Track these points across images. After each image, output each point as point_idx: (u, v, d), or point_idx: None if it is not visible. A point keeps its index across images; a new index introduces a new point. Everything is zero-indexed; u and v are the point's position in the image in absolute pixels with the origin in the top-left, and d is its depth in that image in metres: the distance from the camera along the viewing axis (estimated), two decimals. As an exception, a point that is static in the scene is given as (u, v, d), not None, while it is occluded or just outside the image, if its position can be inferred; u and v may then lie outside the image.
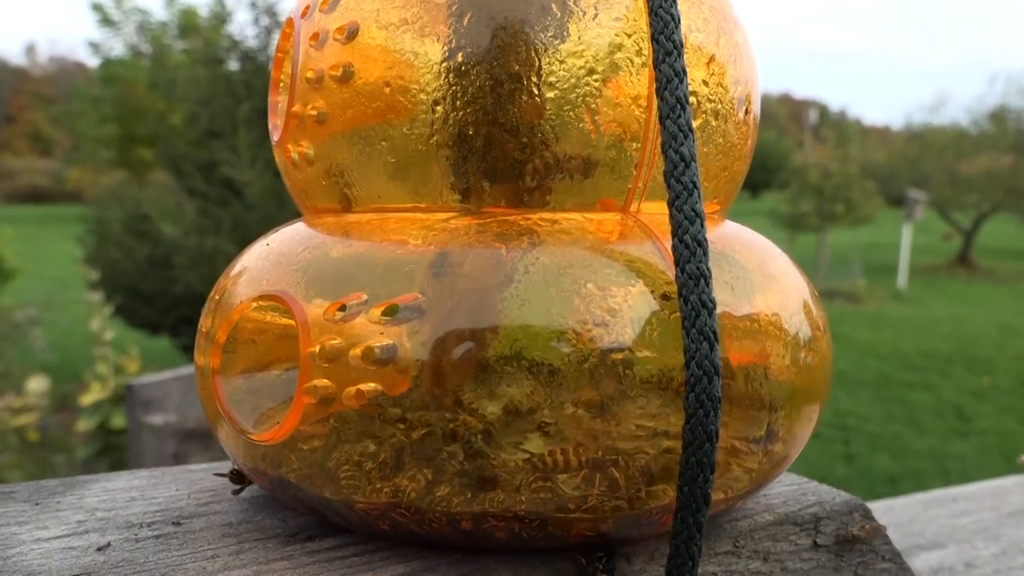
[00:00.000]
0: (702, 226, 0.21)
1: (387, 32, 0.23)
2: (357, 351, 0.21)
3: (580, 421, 0.21)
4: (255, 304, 0.24)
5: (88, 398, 3.07)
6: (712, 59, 0.25)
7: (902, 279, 7.18)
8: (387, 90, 0.23)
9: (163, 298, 3.94)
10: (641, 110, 0.23)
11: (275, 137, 0.27)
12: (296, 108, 0.25)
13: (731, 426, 0.23)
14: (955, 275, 8.19)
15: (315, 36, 0.25)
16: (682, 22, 0.23)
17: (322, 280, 0.23)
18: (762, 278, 0.25)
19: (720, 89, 0.25)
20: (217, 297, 0.26)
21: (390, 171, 0.24)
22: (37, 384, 3.12)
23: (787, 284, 0.26)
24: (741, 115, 0.26)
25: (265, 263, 0.25)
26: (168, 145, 4.22)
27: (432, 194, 0.24)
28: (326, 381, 0.21)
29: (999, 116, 10.54)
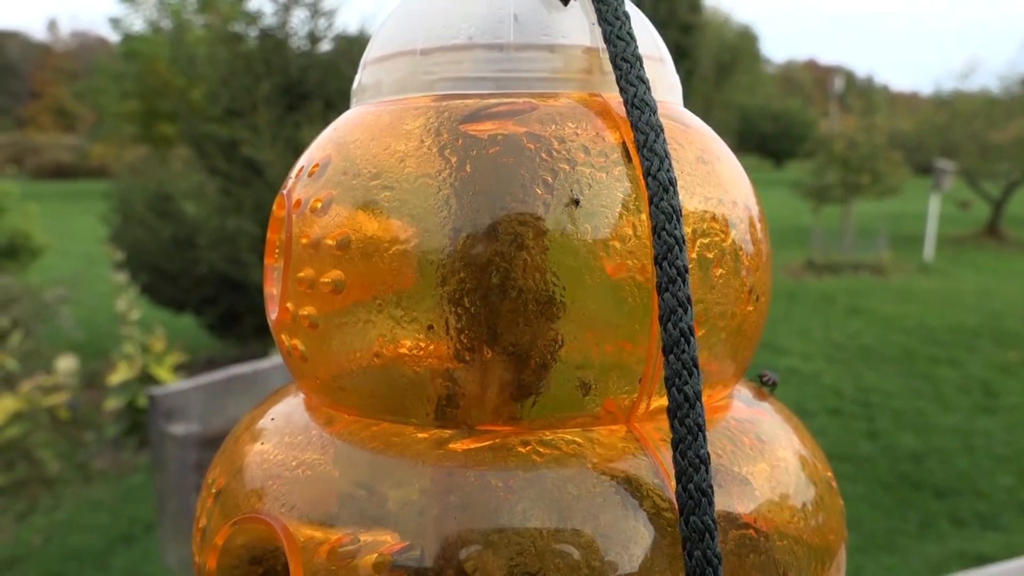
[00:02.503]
0: (708, 472, 0.20)
1: (377, 251, 0.22)
2: (350, 602, 0.20)
3: None
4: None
5: (116, 377, 3.12)
6: (720, 261, 0.23)
7: (929, 251, 7.08)
8: (378, 303, 0.22)
9: (187, 277, 3.97)
10: (644, 328, 0.22)
11: (272, 315, 0.26)
12: (289, 305, 0.24)
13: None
14: (983, 246, 8.05)
15: (307, 236, 0.24)
16: (687, 232, 0.22)
17: (315, 509, 0.22)
18: (763, 462, 0.24)
19: (728, 290, 0.24)
20: (215, 491, 0.25)
21: (383, 387, 0.23)
22: (67, 363, 3.17)
23: (787, 458, 0.25)
24: (751, 306, 0.25)
25: (259, 472, 0.24)
26: (189, 124, 4.21)
27: (426, 411, 0.23)
28: (319, 629, 0.21)
29: (1031, 82, 10.28)
